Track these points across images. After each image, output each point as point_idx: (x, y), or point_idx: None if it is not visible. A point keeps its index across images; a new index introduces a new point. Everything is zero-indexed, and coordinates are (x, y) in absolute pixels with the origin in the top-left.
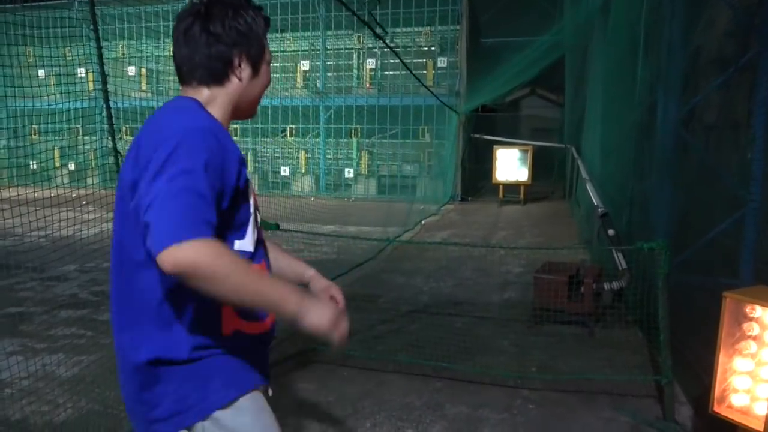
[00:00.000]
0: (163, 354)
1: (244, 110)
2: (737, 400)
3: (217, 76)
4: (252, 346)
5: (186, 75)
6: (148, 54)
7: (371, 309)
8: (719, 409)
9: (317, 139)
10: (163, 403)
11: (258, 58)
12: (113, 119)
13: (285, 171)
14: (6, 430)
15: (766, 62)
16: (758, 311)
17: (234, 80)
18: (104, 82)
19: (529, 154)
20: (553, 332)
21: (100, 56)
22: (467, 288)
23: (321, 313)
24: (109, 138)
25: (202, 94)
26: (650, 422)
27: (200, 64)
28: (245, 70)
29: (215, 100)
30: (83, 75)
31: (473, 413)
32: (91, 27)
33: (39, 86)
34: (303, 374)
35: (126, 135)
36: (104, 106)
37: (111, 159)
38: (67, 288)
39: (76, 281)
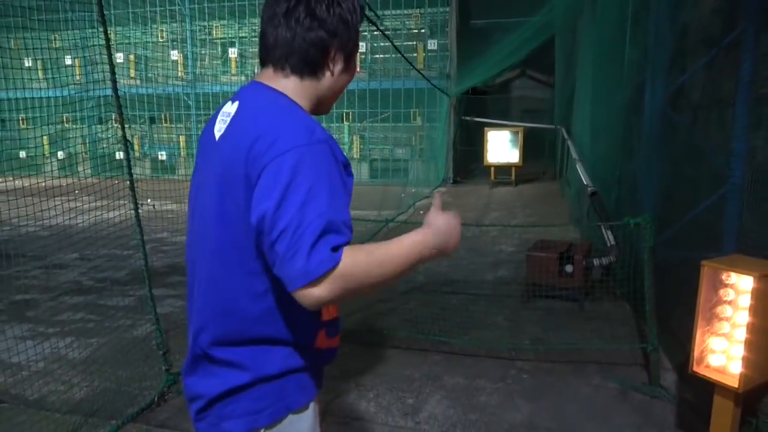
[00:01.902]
0: (259, 374)
1: (324, 106)
2: (714, 360)
3: (312, 66)
4: (323, 359)
5: (279, 59)
6: (136, 40)
7: None
8: (698, 369)
9: None
10: (241, 402)
11: (352, 51)
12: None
13: None
14: (26, 409)
15: (751, 40)
16: (733, 278)
17: (327, 73)
18: (113, 72)
19: (520, 136)
20: (545, 307)
21: (107, 44)
22: (461, 267)
23: (445, 238)
24: (118, 126)
25: (290, 84)
26: (637, 387)
27: (298, 50)
28: (338, 63)
29: (304, 92)
30: (70, 63)
31: (470, 383)
32: (84, 11)
33: (62, 72)
34: None
35: (115, 123)
36: (113, 95)
37: (118, 150)
38: (70, 275)
39: (78, 268)
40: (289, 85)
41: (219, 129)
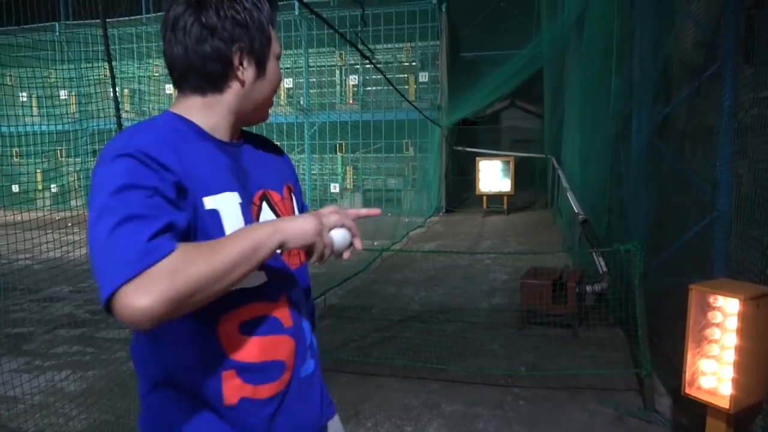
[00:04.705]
0: None
1: (252, 115)
2: (705, 382)
3: (213, 81)
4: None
5: (178, 80)
6: (131, 75)
7: (365, 318)
8: (690, 391)
9: (302, 156)
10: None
11: (263, 54)
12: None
13: None
14: None
15: (730, 74)
16: (720, 301)
17: (235, 84)
18: (117, 108)
19: (511, 165)
20: (540, 334)
21: (112, 77)
22: (456, 296)
23: (302, 223)
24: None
25: (193, 104)
26: (632, 412)
27: (193, 66)
28: (248, 70)
29: (211, 111)
30: (65, 97)
31: (468, 411)
32: (85, 49)
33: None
34: None
35: None
36: (118, 129)
37: None
38: (65, 308)
39: (72, 301)
40: (193, 106)
41: None
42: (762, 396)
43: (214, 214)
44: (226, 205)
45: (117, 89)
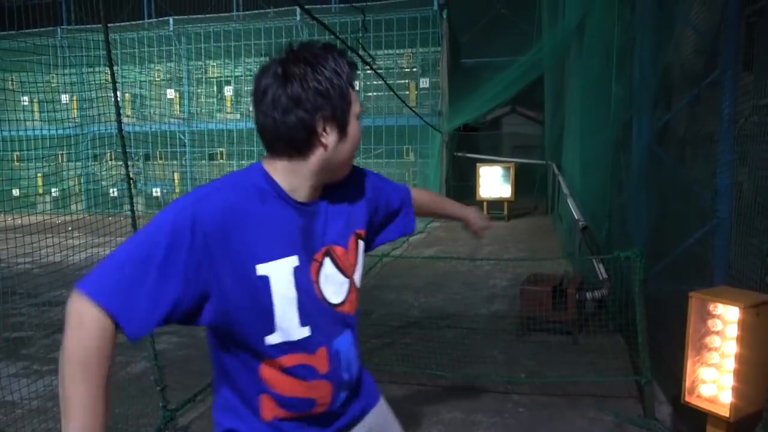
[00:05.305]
0: None
1: (333, 174)
2: (705, 390)
3: (298, 147)
4: None
5: (267, 145)
6: (132, 79)
7: (364, 324)
8: (690, 399)
9: None
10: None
11: (344, 118)
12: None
13: None
14: None
15: (730, 82)
16: (720, 309)
17: (318, 150)
18: (118, 112)
19: (512, 171)
20: (540, 340)
21: (113, 82)
22: (456, 302)
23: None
24: (114, 164)
25: (280, 166)
26: (632, 420)
27: (281, 136)
28: (330, 135)
29: (296, 173)
30: (67, 102)
31: (467, 417)
32: (86, 54)
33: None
34: None
35: (111, 160)
36: (119, 134)
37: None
38: (63, 312)
39: None
40: (279, 168)
41: None
42: (762, 404)
43: (265, 279)
44: (278, 271)
45: (118, 94)
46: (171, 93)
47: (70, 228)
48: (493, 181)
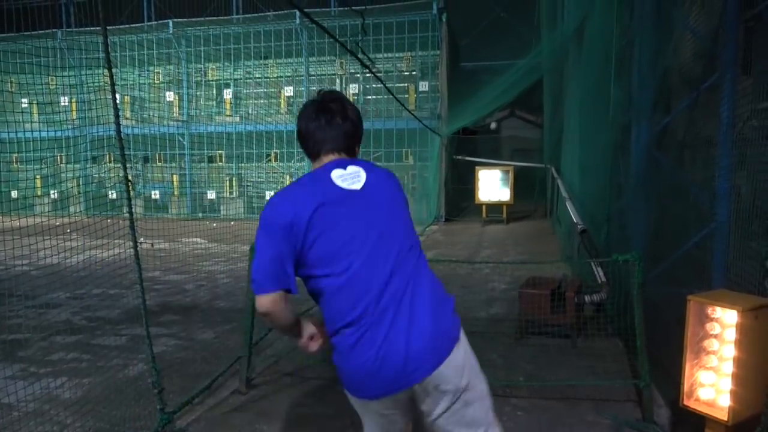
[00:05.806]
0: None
1: None
2: (704, 393)
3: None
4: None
5: (352, 145)
6: (131, 82)
7: None
8: (688, 402)
9: (302, 164)
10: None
11: None
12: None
13: (270, 195)
14: None
15: (729, 85)
16: (718, 312)
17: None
18: (116, 115)
19: (511, 175)
20: (539, 344)
21: (112, 84)
22: (455, 305)
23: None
24: (113, 166)
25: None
26: (631, 424)
27: (359, 136)
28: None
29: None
30: (66, 104)
31: None
32: (86, 56)
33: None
34: (302, 389)
35: (109, 162)
36: (117, 136)
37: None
38: (62, 314)
39: (69, 308)
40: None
41: (352, 182)
42: (760, 408)
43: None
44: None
45: (117, 96)
46: (170, 95)
47: (68, 230)
48: (492, 185)
